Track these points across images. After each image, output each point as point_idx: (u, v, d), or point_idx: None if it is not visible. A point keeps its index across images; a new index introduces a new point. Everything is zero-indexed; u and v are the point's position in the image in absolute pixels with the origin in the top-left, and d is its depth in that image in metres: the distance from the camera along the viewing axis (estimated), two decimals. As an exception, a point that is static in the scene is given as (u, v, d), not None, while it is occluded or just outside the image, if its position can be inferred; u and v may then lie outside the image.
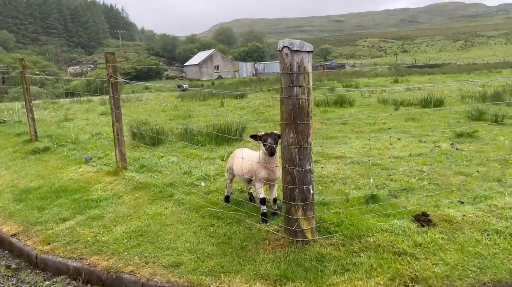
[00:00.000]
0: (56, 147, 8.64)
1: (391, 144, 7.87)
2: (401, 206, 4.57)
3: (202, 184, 5.78)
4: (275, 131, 4.22)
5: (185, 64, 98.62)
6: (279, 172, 4.39)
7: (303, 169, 3.80)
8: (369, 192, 4.97)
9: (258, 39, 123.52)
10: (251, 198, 5.05)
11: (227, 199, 5.03)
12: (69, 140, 9.14)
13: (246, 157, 4.50)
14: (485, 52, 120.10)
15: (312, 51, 3.71)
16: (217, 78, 77.13)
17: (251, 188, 5.02)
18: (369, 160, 6.64)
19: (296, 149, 3.75)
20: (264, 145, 4.18)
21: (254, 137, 4.33)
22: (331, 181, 5.72)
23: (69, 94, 26.68)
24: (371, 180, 4.58)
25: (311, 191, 3.87)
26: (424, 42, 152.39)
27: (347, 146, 7.86)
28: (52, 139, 9.34)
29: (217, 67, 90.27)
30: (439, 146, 7.54)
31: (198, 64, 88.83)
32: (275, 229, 4.14)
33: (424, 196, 4.96)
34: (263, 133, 4.24)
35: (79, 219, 4.86)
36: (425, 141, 8.03)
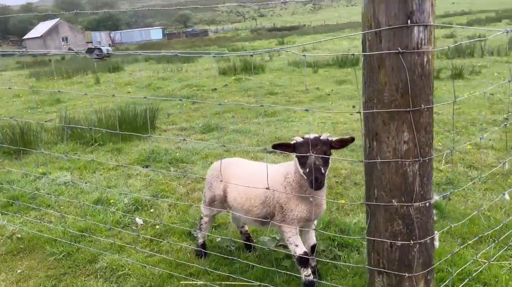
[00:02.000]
0: None
1: (352, 115, 6.34)
2: (488, 220, 3.00)
3: (138, 221, 3.39)
4: (324, 135, 2.13)
5: (24, 37, 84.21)
6: (325, 204, 2.37)
7: (427, 205, 1.86)
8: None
9: (110, 6, 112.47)
10: (249, 240, 2.91)
11: (202, 252, 2.81)
12: None
13: (258, 179, 2.30)
14: (331, 14, 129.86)
15: None
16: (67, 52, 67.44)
17: (244, 225, 2.87)
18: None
19: (417, 165, 1.77)
20: (302, 165, 2.09)
21: (281, 147, 2.17)
22: (336, 182, 3.93)
23: None
24: (507, 196, 2.83)
25: (436, 244, 1.96)
26: (278, 6, 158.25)
27: (302, 123, 6.07)
28: None
29: (65, 39, 79.13)
30: (407, 112, 6.29)
31: (41, 36, 76.60)
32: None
33: (483, 191, 3.49)
34: (300, 139, 2.12)
35: None
36: (385, 107, 6.72)
